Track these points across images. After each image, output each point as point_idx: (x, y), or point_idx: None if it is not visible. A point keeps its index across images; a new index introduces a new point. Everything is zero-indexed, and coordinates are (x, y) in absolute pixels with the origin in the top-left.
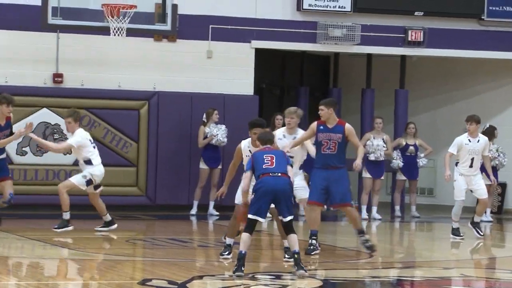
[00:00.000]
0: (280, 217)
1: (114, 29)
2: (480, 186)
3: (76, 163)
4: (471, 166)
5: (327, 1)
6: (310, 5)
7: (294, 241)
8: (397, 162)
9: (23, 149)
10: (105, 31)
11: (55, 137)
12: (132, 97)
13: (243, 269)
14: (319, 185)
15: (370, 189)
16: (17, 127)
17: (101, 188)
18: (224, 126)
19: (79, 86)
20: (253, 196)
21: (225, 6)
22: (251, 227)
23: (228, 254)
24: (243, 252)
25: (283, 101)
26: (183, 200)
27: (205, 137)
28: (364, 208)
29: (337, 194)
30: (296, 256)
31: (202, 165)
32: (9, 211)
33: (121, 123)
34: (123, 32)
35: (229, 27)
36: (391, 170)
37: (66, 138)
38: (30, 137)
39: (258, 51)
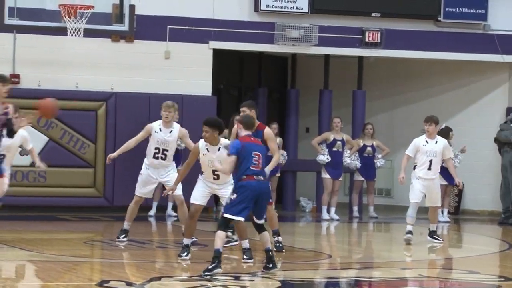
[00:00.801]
0: (255, 219)
1: (71, 29)
2: (434, 194)
3: (32, 164)
4: (429, 168)
5: (285, 2)
6: (267, 6)
7: (267, 238)
8: (354, 163)
9: None
10: (62, 31)
11: None
12: (89, 97)
13: (221, 266)
14: None
15: (331, 190)
16: None
17: None
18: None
19: (36, 86)
20: (234, 196)
21: (182, 7)
22: (226, 225)
23: (187, 255)
24: (220, 250)
25: (241, 101)
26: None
27: None
28: (324, 208)
29: None
30: (270, 253)
31: None
32: None
33: (79, 124)
34: (80, 33)
35: (187, 27)
36: (349, 171)
37: None
38: None
39: (216, 52)
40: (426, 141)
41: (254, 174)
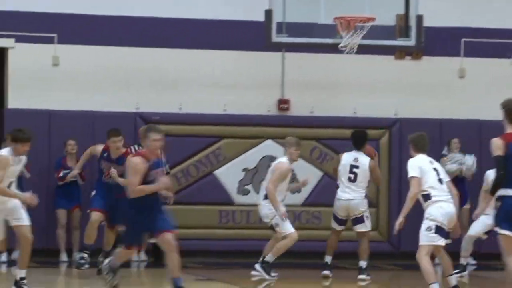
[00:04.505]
0: None
1: (348, 46)
2: None
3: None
4: None
5: None
6: None
7: None
8: None
9: (245, 187)
10: (337, 49)
11: None
12: (370, 125)
13: None
14: None
15: None
16: (242, 160)
17: None
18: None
19: (308, 113)
20: None
21: (480, 17)
22: None
23: None
24: None
25: None
26: None
27: None
28: None
29: None
30: None
31: None
32: (228, 259)
33: None
34: (355, 49)
35: (485, 40)
36: None
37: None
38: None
39: None
40: None
41: None
